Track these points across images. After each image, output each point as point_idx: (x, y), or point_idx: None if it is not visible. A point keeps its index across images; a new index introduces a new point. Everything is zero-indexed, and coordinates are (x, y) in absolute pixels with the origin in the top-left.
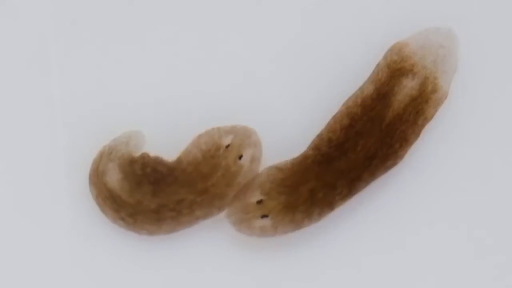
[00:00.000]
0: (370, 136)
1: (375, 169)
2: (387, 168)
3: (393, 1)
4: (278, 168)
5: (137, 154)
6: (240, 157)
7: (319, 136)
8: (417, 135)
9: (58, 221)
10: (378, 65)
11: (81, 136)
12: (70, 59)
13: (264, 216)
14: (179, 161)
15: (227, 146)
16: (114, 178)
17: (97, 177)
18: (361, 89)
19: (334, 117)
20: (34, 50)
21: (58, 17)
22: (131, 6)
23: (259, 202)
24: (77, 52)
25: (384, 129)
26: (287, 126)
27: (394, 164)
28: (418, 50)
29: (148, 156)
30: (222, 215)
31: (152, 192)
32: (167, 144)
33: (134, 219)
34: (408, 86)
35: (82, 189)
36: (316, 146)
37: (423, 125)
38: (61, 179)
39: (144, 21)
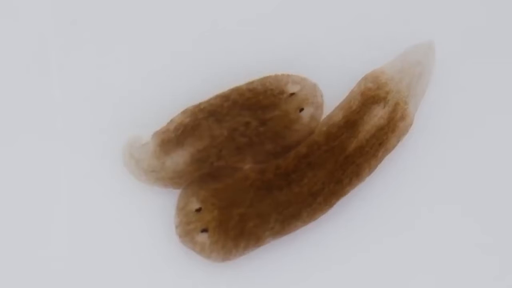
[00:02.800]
0: (322, 168)
1: (317, 208)
2: (329, 207)
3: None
4: (210, 176)
5: (149, 146)
6: (301, 110)
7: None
8: (371, 170)
9: (57, 223)
10: (351, 92)
11: (81, 136)
12: (70, 59)
13: (204, 230)
14: (234, 89)
15: (291, 94)
16: (181, 159)
17: (173, 180)
18: (328, 116)
19: None
20: (34, 50)
21: (58, 17)
22: (131, 6)
23: (198, 210)
24: (77, 52)
25: (341, 161)
26: None
27: (336, 202)
28: (395, 74)
29: (162, 134)
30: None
31: (216, 121)
32: None
33: (225, 160)
34: (378, 115)
35: (82, 189)
36: (261, 169)
37: (381, 158)
38: (61, 180)
39: (144, 21)
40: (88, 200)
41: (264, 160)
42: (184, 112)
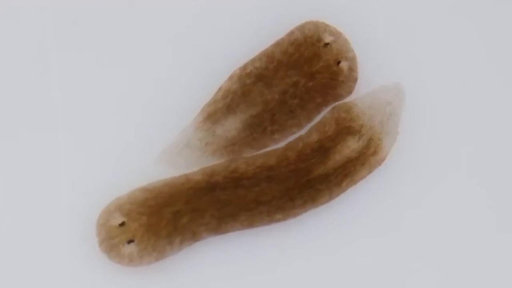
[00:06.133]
0: (279, 185)
1: (257, 215)
2: (271, 220)
3: None
4: (143, 189)
5: (189, 128)
6: (338, 62)
7: (226, 164)
8: (331, 197)
9: (55, 228)
10: (324, 117)
11: (81, 136)
12: (70, 60)
13: (130, 241)
14: (276, 44)
15: (326, 44)
16: (233, 126)
17: (228, 148)
18: (306, 134)
19: (275, 152)
20: (34, 50)
21: (58, 17)
22: (131, 6)
23: (122, 224)
24: (77, 52)
25: (301, 183)
26: None
27: (283, 219)
28: (366, 110)
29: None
30: None
31: (265, 86)
32: None
33: (279, 124)
34: (350, 148)
35: (84, 192)
36: (211, 172)
37: (346, 188)
38: (61, 181)
39: (144, 21)
40: (88, 199)
41: (315, 114)
42: (231, 77)
